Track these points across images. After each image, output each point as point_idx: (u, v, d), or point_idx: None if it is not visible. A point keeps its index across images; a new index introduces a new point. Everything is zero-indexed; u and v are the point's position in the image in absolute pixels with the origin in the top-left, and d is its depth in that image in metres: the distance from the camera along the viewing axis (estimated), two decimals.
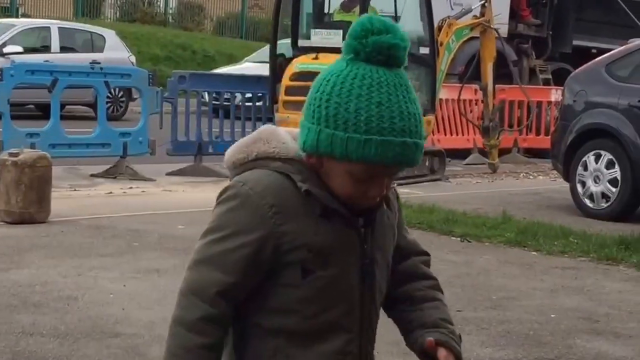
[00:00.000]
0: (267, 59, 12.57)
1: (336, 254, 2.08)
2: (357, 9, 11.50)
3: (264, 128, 2.16)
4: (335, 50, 11.34)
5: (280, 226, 2.04)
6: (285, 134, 2.14)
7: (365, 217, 2.12)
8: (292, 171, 2.06)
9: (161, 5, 33.81)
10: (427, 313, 2.25)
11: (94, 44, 19.69)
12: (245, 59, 22.95)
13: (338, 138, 1.98)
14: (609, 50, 11.62)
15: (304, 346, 2.10)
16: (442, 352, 2.17)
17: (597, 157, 9.93)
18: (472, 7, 13.47)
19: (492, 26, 13.35)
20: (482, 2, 13.37)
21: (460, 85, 13.83)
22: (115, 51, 19.56)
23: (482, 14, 13.31)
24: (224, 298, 2.05)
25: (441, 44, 12.52)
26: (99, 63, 16.48)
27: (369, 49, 1.99)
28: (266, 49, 14.57)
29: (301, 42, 11.85)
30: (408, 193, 10.74)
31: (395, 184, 2.21)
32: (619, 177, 9.73)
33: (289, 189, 2.05)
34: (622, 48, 10.57)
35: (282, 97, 11.52)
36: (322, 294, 2.08)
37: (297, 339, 2.10)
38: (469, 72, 13.83)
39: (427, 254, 2.36)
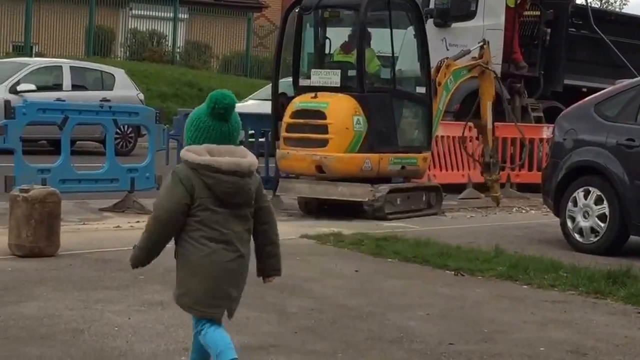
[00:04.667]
0: (270, 97, 12.79)
1: None
2: (355, 51, 11.70)
3: None
4: (333, 89, 11.65)
5: None
6: None
7: None
8: None
9: (169, 45, 34.21)
10: None
11: (104, 82, 20.04)
12: (250, 96, 23.15)
13: None
14: (600, 89, 11.77)
15: None
16: None
17: (587, 194, 10.02)
18: (471, 49, 13.73)
19: (490, 68, 13.60)
20: (481, 44, 13.64)
21: (464, 123, 14.01)
22: (125, 89, 19.91)
23: (481, 56, 13.56)
24: None
25: (439, 84, 12.74)
26: (109, 101, 16.84)
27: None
28: (270, 87, 14.77)
29: (302, 82, 12.01)
30: (404, 227, 10.93)
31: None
32: (607, 213, 9.82)
33: None
34: (610, 88, 10.74)
35: (283, 134, 11.74)
36: None
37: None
38: (472, 111, 13.97)
39: None
